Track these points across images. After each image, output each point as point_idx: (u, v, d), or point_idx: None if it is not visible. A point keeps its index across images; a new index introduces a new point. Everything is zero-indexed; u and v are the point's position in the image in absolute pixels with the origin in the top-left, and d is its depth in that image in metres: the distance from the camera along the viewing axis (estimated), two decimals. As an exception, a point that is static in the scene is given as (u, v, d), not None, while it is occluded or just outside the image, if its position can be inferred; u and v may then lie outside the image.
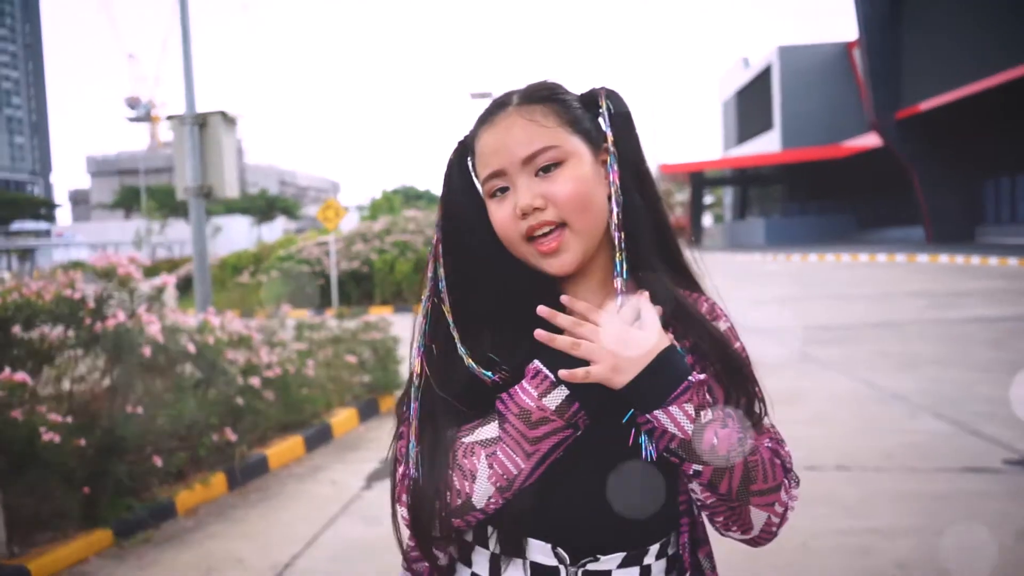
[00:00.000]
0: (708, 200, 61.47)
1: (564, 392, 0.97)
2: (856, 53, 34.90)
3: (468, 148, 1.09)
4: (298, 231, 58.67)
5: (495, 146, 1.03)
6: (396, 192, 38.56)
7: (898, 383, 6.70)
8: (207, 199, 7.73)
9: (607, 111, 1.06)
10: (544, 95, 1.05)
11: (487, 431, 1.01)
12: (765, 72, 42.68)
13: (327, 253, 16.43)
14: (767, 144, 42.34)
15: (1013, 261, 18.46)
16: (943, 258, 21.47)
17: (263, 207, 62.52)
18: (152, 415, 4.15)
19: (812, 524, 3.75)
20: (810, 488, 4.23)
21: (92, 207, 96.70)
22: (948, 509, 3.87)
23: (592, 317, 0.99)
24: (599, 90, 1.08)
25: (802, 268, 22.52)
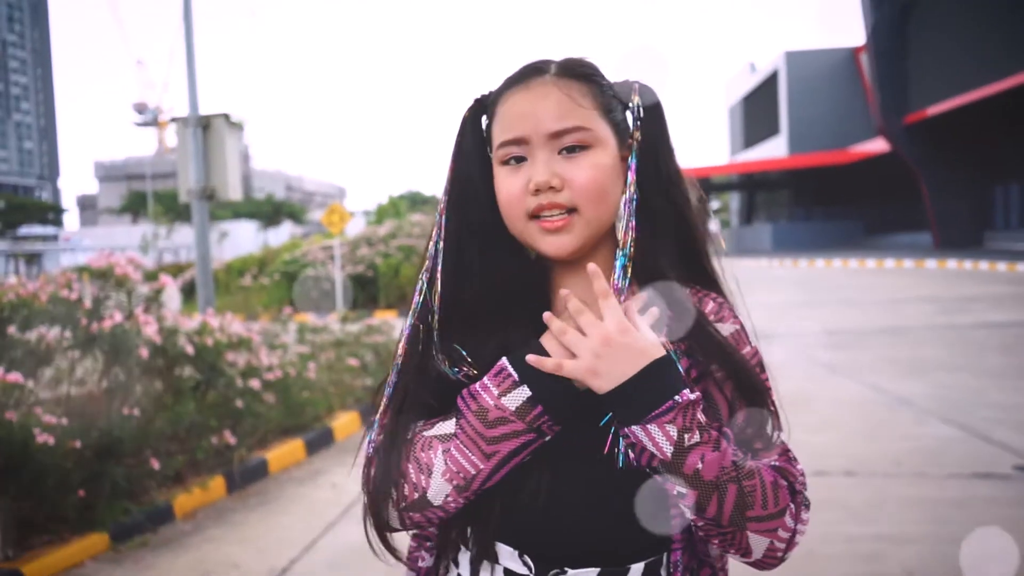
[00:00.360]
0: (715, 205, 61.41)
1: (526, 393, 0.90)
2: (863, 58, 34.82)
3: (485, 107, 1.03)
4: (304, 236, 58.78)
5: (523, 111, 0.96)
6: (402, 197, 38.61)
7: (906, 388, 6.62)
8: (210, 201, 7.72)
9: (638, 107, 1.01)
10: (585, 73, 0.99)
11: (447, 426, 0.95)
12: (772, 77, 42.60)
13: (332, 257, 16.41)
14: (774, 149, 42.23)
15: (1022, 267, 18.34)
16: (951, 263, 21.35)
17: (269, 212, 62.68)
18: (150, 417, 4.11)
19: (819, 530, 3.68)
20: (817, 494, 4.15)
21: (100, 212, 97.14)
22: (957, 515, 3.80)
23: (582, 320, 0.91)
24: (633, 83, 1.02)
25: (809, 273, 22.42)
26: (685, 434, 0.86)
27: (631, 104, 1.01)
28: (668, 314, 0.95)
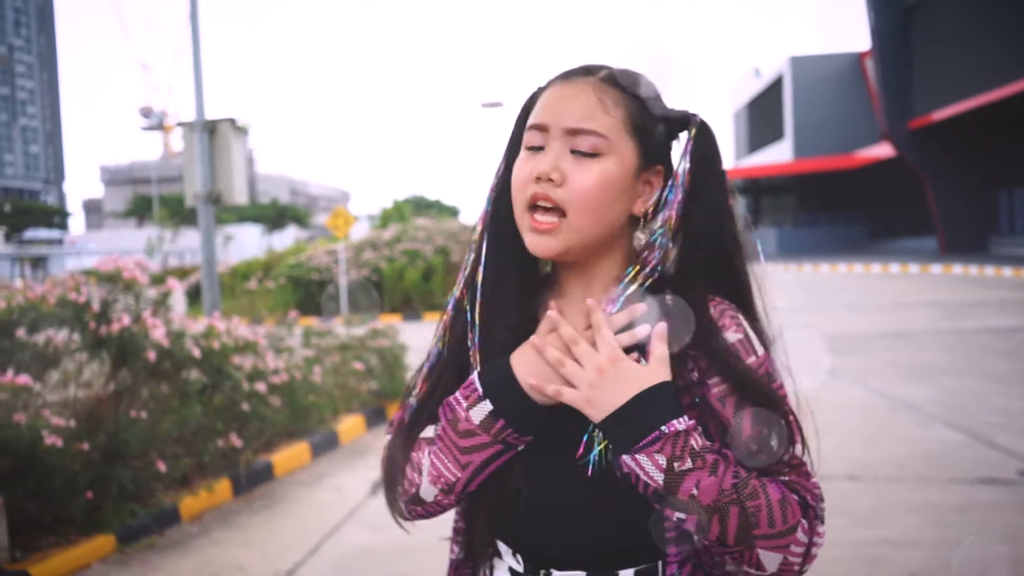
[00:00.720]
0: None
1: (488, 407, 0.93)
2: (868, 63, 34.81)
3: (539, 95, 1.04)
4: (309, 240, 58.91)
5: (554, 102, 0.97)
6: (407, 201, 38.64)
7: (911, 393, 6.62)
8: (216, 205, 7.76)
9: (689, 146, 1.00)
10: (628, 84, 0.98)
11: (432, 430, 0.99)
12: (777, 82, 42.59)
13: (336, 261, 16.45)
14: (779, 154, 42.21)
15: (1027, 272, 18.29)
16: (956, 268, 21.31)
17: (274, 216, 62.88)
18: (156, 420, 4.13)
19: (825, 534, 3.69)
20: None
21: (105, 216, 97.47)
22: (961, 520, 3.80)
23: (577, 350, 0.92)
24: (693, 118, 1.01)
25: (814, 278, 22.39)
26: (675, 462, 0.86)
27: (682, 138, 1.01)
28: (666, 325, 0.93)
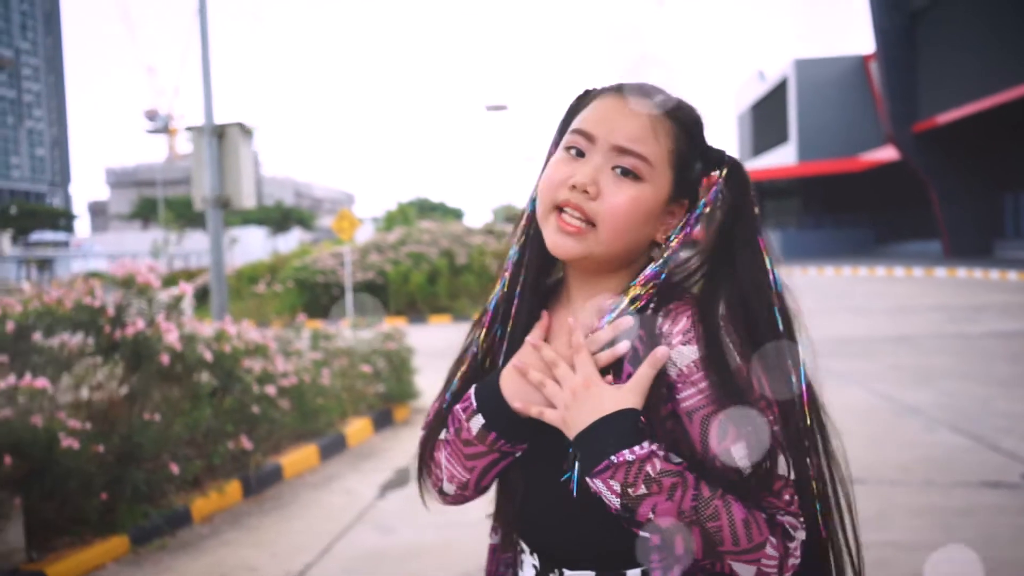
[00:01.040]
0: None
1: (481, 421, 1.00)
2: (873, 66, 34.80)
3: (588, 96, 1.06)
4: (313, 242, 59.06)
5: (607, 115, 0.99)
6: (411, 204, 38.71)
7: (915, 397, 6.65)
8: (225, 209, 7.82)
9: (720, 187, 1.02)
10: (681, 119, 1.01)
11: (445, 433, 1.07)
12: (781, 85, 42.60)
13: (342, 264, 16.51)
14: (783, 157, 42.21)
15: (1032, 275, 18.29)
16: (961, 272, 21.30)
17: (279, 218, 62.97)
18: (169, 422, 4.18)
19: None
20: (826, 501, 4.20)
21: (110, 218, 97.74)
22: (966, 524, 3.83)
23: (557, 372, 0.97)
24: (728, 160, 1.03)
25: (819, 281, 22.39)
26: (628, 488, 0.89)
27: (712, 180, 1.03)
28: (665, 349, 0.94)
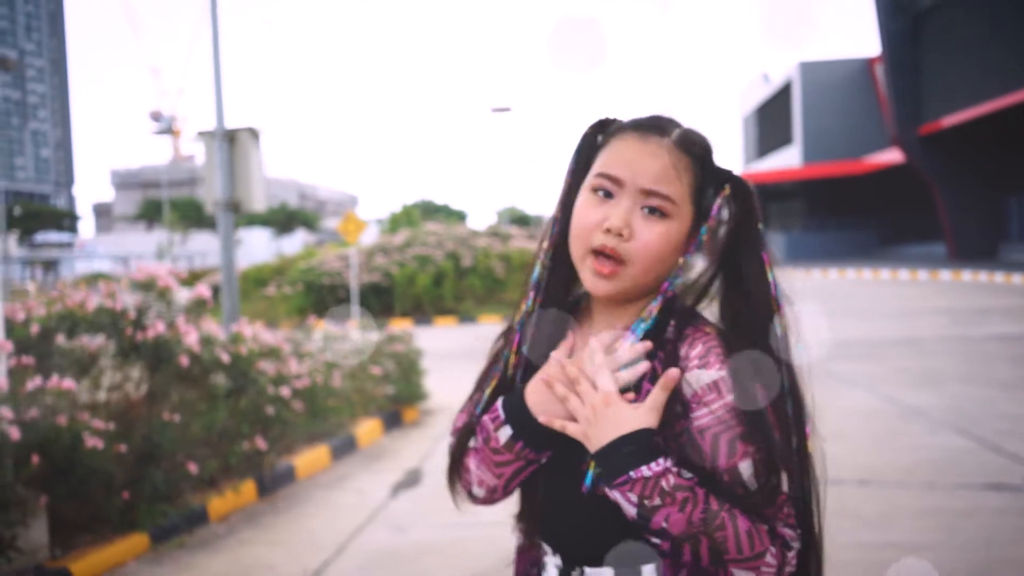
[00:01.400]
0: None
1: (509, 431, 1.08)
2: (878, 69, 34.83)
3: (604, 129, 1.13)
4: (318, 244, 59.19)
5: (631, 159, 1.06)
6: (415, 206, 38.79)
7: (919, 399, 6.71)
8: (236, 213, 7.91)
9: (736, 199, 1.10)
10: (696, 152, 1.09)
11: (475, 442, 1.15)
12: (786, 87, 42.64)
13: (348, 266, 16.61)
14: (787, 159, 42.25)
15: (1036, 278, 18.31)
16: (966, 275, 21.33)
17: (283, 220, 63.11)
18: (187, 423, 4.27)
19: (833, 537, 3.78)
20: (831, 503, 4.25)
21: (114, 219, 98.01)
22: (968, 525, 3.90)
23: (579, 388, 1.04)
24: (733, 178, 1.11)
25: (823, 284, 22.43)
26: (645, 500, 0.98)
27: (721, 198, 1.10)
28: (677, 372, 1.02)
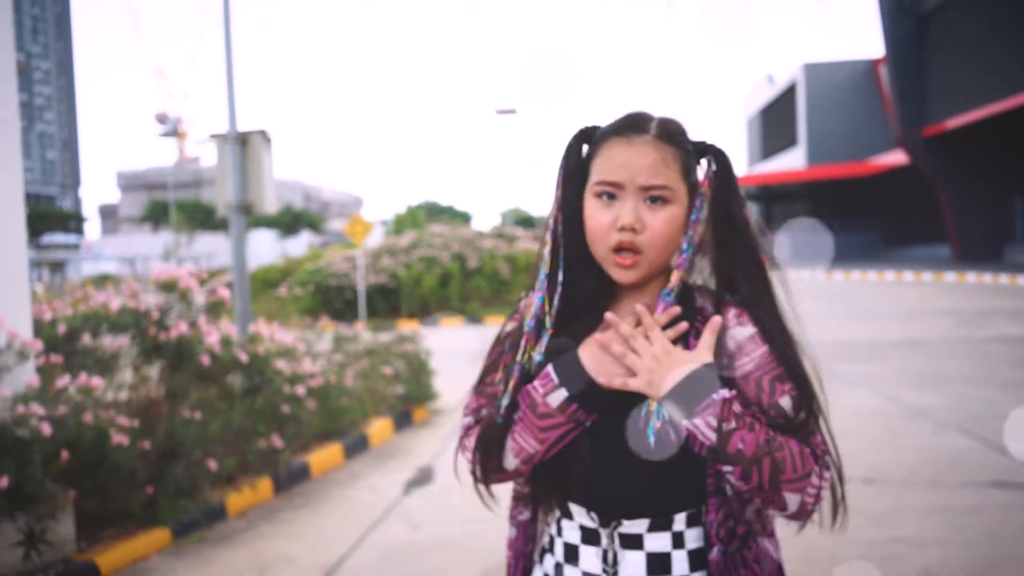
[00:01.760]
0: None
1: (564, 394, 1.17)
2: (882, 70, 34.85)
3: (588, 138, 1.24)
4: (323, 245, 59.32)
5: (624, 162, 1.17)
6: (419, 207, 38.92)
7: (924, 400, 6.78)
8: (247, 215, 8.01)
9: (711, 167, 1.23)
10: (677, 140, 1.20)
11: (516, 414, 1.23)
12: (790, 89, 42.68)
13: (355, 267, 16.71)
14: (792, 161, 42.28)
15: (1041, 280, 18.33)
16: (971, 276, 21.36)
17: (288, 221, 63.29)
18: (205, 421, 4.36)
19: (839, 534, 3.87)
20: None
21: (120, 220, 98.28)
22: (973, 522, 3.98)
23: (636, 344, 1.16)
24: (710, 147, 1.23)
25: (827, 285, 22.48)
26: (723, 423, 1.08)
27: (703, 166, 1.24)
28: (719, 318, 1.17)
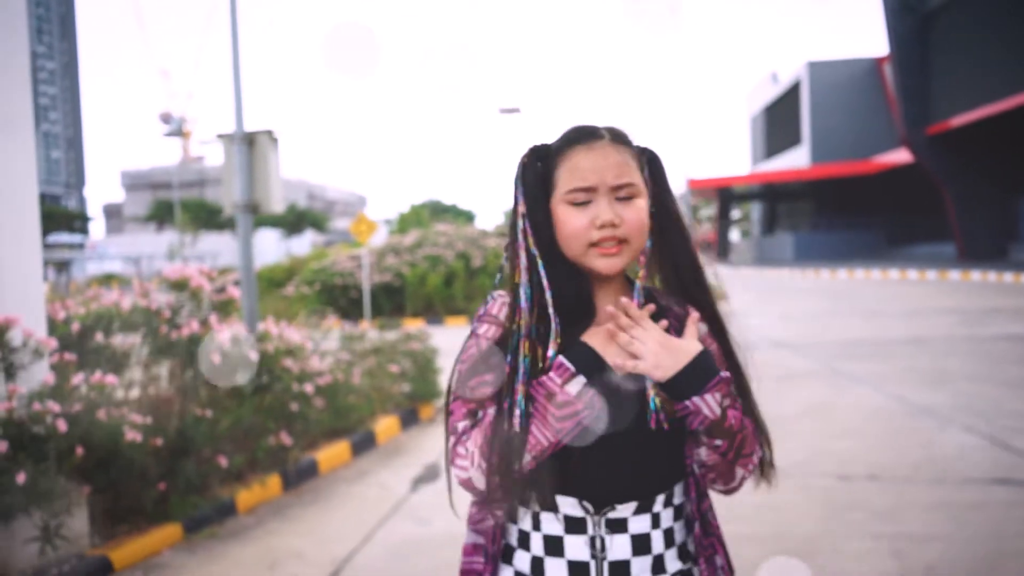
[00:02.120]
0: (736, 215, 61.31)
1: (583, 381, 1.24)
2: (887, 68, 34.83)
3: (542, 155, 1.33)
4: (327, 244, 59.38)
5: (593, 167, 1.27)
6: (423, 206, 38.95)
7: (928, 398, 6.81)
8: (254, 214, 8.06)
9: (651, 168, 1.35)
10: (627, 142, 1.33)
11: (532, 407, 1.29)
12: (794, 87, 42.66)
13: (360, 266, 16.77)
14: (796, 159, 42.26)
15: (1046, 278, 18.32)
16: (975, 275, 21.35)
17: (292, 220, 63.35)
18: (215, 419, 4.42)
19: (845, 529, 3.92)
20: (842, 496, 4.40)
21: (125, 220, 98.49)
22: (977, 518, 4.01)
23: (635, 332, 1.26)
24: (646, 149, 1.36)
25: (831, 284, 22.49)
26: (725, 399, 1.23)
27: (646, 166, 1.36)
28: (698, 315, 1.32)
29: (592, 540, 1.26)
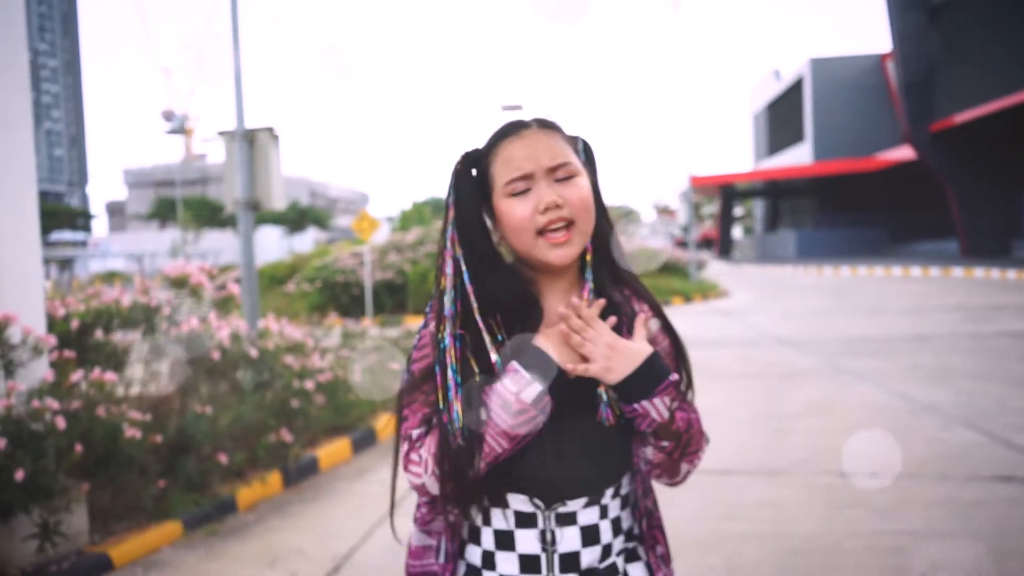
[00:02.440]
0: (738, 212, 61.24)
1: (538, 388, 1.22)
2: (890, 65, 34.75)
3: (474, 160, 1.31)
4: (329, 242, 59.37)
5: (525, 154, 1.26)
6: (425, 203, 38.91)
7: (931, 395, 6.79)
8: (255, 211, 8.06)
9: (586, 153, 1.35)
10: (555, 127, 1.32)
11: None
12: (797, 84, 42.58)
13: (361, 263, 16.77)
14: (798, 156, 42.20)
15: (1049, 275, 18.27)
16: (978, 272, 21.31)
17: (294, 218, 63.34)
18: (216, 416, 4.41)
19: (847, 526, 3.90)
20: (844, 493, 4.38)
21: (128, 218, 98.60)
22: (979, 515, 3.99)
23: (586, 334, 1.24)
24: (577, 137, 1.35)
25: (834, 281, 22.45)
26: (674, 402, 1.24)
27: (580, 152, 1.34)
28: (646, 316, 1.31)
29: (543, 534, 1.27)
